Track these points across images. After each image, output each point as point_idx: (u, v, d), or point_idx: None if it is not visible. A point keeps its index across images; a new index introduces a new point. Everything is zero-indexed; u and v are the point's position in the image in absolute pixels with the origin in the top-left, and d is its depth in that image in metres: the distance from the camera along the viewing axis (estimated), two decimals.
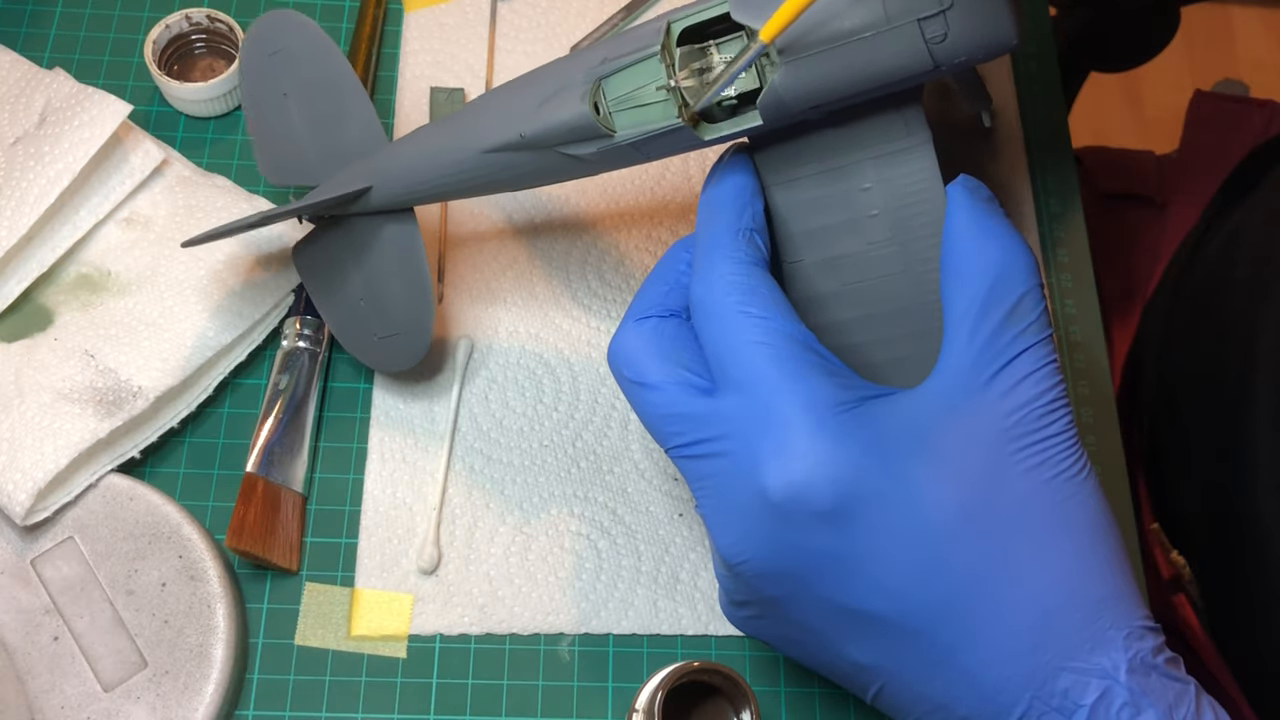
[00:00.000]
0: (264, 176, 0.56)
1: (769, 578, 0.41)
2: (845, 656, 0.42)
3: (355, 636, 0.53)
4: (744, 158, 0.45)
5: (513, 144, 0.47)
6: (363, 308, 0.54)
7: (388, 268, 0.53)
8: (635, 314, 0.44)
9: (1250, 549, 0.60)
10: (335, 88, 0.55)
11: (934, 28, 0.40)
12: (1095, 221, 0.68)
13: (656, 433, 0.43)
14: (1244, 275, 0.66)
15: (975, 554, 0.40)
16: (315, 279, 0.56)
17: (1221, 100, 0.84)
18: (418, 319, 0.53)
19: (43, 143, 0.56)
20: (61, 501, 0.52)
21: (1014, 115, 0.65)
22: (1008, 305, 0.41)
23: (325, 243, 0.55)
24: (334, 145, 0.54)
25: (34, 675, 0.50)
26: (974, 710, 0.40)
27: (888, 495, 0.40)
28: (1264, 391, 0.59)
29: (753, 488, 0.40)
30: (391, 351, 0.54)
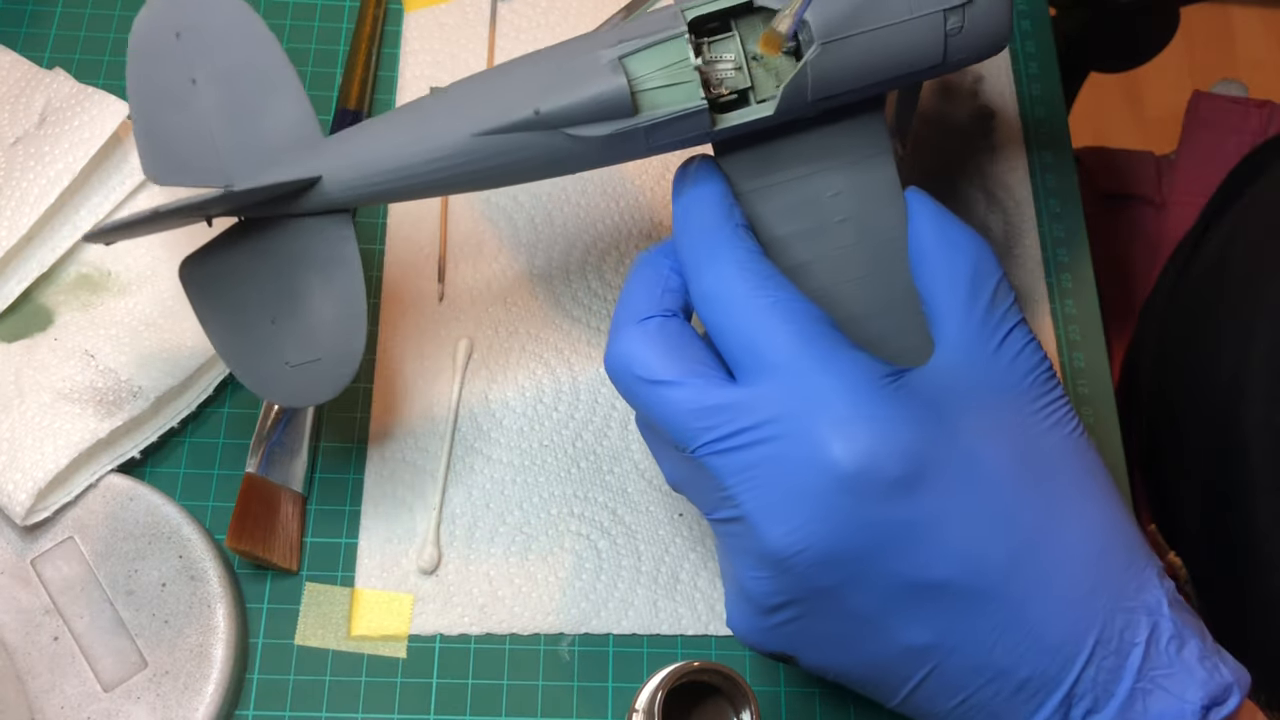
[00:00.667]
0: (150, 177, 0.48)
1: (830, 563, 0.40)
2: (898, 641, 0.41)
3: (355, 636, 0.53)
4: (711, 163, 0.45)
5: (518, 123, 0.44)
6: (273, 330, 0.47)
7: (313, 280, 0.47)
8: (632, 317, 0.43)
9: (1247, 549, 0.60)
10: (260, 72, 0.48)
11: (955, 19, 0.43)
12: (1095, 221, 0.68)
13: (683, 430, 0.42)
14: (1242, 275, 0.66)
15: (1032, 506, 0.41)
16: (210, 297, 0.48)
17: (1221, 100, 0.84)
18: (346, 342, 0.47)
19: (43, 143, 0.56)
20: (61, 501, 0.52)
21: (1014, 115, 0.65)
22: (990, 289, 0.44)
23: (228, 254, 0.48)
24: (257, 139, 0.47)
25: (34, 675, 0.50)
26: (1038, 669, 0.41)
27: (951, 457, 0.40)
28: (1260, 392, 0.59)
29: (816, 466, 0.40)
30: (306, 381, 0.47)
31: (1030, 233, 0.62)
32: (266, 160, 0.47)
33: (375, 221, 0.61)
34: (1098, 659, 0.41)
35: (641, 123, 0.43)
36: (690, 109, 0.43)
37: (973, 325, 0.43)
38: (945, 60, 0.44)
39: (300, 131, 0.47)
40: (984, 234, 0.62)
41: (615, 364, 0.43)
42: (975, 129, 0.65)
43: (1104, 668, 0.41)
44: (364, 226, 0.60)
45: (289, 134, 0.47)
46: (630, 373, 0.43)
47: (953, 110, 0.65)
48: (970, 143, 0.64)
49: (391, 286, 0.59)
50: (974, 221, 0.62)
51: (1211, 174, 0.79)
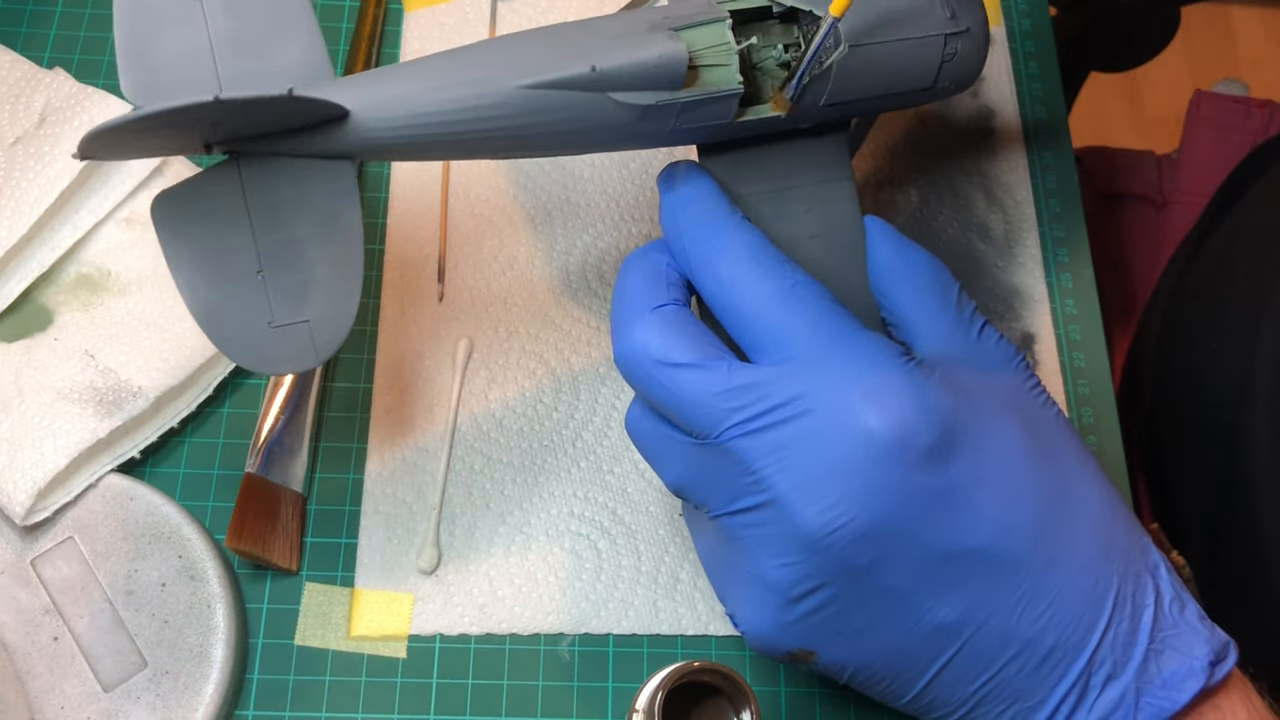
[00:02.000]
0: (129, 95, 0.42)
1: (868, 537, 0.40)
2: (927, 621, 0.41)
3: (355, 636, 0.53)
4: (699, 165, 0.46)
5: (571, 79, 0.42)
6: (258, 283, 0.41)
7: (310, 232, 0.42)
8: (644, 306, 0.43)
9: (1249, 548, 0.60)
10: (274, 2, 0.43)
11: (952, 45, 0.46)
12: (1095, 221, 0.68)
13: (707, 414, 0.41)
14: (1244, 275, 0.66)
15: (1051, 472, 0.43)
16: (186, 238, 0.41)
17: (1221, 100, 0.84)
18: (339, 304, 0.42)
19: (43, 143, 0.56)
20: (61, 501, 0.52)
21: (1014, 115, 0.65)
22: (955, 295, 0.46)
23: (215, 190, 0.42)
24: (260, 70, 0.42)
25: (34, 675, 0.50)
26: (1061, 637, 0.41)
27: (976, 426, 0.41)
28: (1263, 391, 0.59)
29: (852, 439, 0.40)
30: (288, 345, 0.42)
31: (1030, 233, 0.62)
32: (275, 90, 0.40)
33: (375, 222, 0.61)
34: (1115, 623, 0.42)
35: (683, 98, 0.43)
36: (728, 91, 0.43)
37: (949, 321, 0.45)
38: (934, 86, 0.47)
39: (312, 69, 0.43)
40: (984, 234, 0.62)
41: (629, 353, 0.43)
42: (975, 129, 0.65)
43: (1120, 631, 0.42)
44: (365, 226, 0.60)
45: (300, 70, 0.43)
46: (649, 358, 0.42)
47: (953, 110, 0.65)
48: (970, 143, 0.64)
49: (391, 286, 0.59)
50: (974, 221, 0.62)
51: (1213, 173, 0.79)
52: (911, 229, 0.62)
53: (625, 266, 0.45)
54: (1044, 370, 0.59)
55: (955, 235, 0.62)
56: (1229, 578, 0.63)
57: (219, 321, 0.41)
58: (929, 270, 0.46)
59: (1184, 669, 0.41)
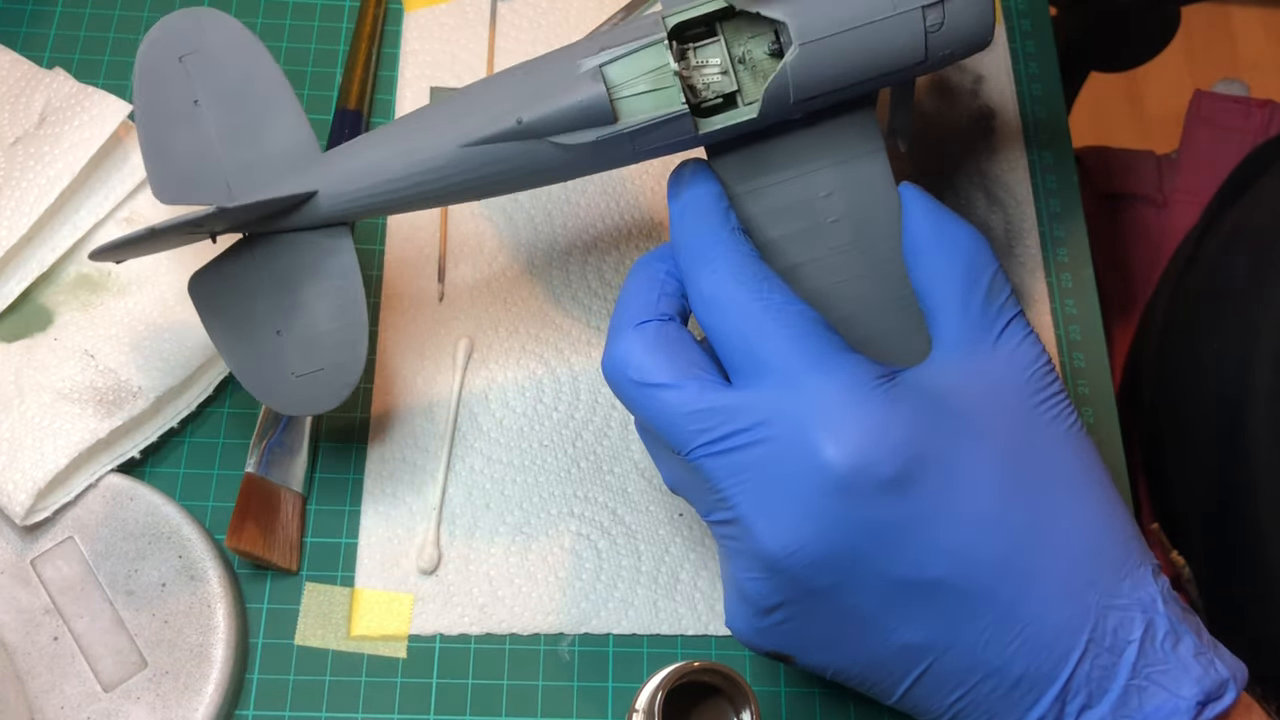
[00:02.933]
0: (158, 197, 0.49)
1: (824, 564, 0.40)
2: (894, 640, 0.41)
3: (355, 636, 0.53)
4: (705, 166, 0.46)
5: (502, 134, 0.45)
6: (279, 341, 0.48)
7: (316, 292, 0.48)
8: (629, 321, 0.44)
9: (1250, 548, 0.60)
10: (260, 93, 0.49)
11: (934, 16, 0.43)
12: (1095, 221, 0.68)
13: (678, 433, 0.42)
14: (1244, 275, 0.66)
15: (1026, 503, 0.41)
16: (219, 313, 0.49)
17: (1221, 100, 0.84)
18: (348, 351, 0.48)
19: (43, 142, 0.56)
20: (61, 501, 0.52)
21: (1014, 115, 0.65)
22: (986, 282, 0.44)
23: (234, 269, 0.49)
24: (256, 157, 0.49)
25: (34, 675, 0.50)
26: (1031, 666, 0.41)
27: (944, 456, 0.40)
28: (1264, 392, 0.59)
29: (809, 468, 0.40)
30: (312, 390, 0.48)
31: (1031, 233, 0.62)
32: (267, 176, 0.48)
33: (375, 221, 0.60)
34: (1091, 656, 0.41)
35: (624, 129, 0.44)
36: (671, 114, 0.43)
37: (970, 320, 0.43)
38: (928, 58, 0.44)
39: (299, 148, 0.49)
40: (984, 233, 0.62)
41: (611, 368, 0.44)
42: (975, 129, 0.64)
43: (1098, 664, 0.41)
44: (364, 226, 0.60)
45: (288, 151, 0.49)
46: (626, 376, 0.43)
47: (953, 110, 0.65)
48: (970, 143, 0.64)
49: (391, 286, 0.59)
50: (974, 221, 0.62)
51: (1213, 173, 0.79)
52: None
53: (629, 274, 0.45)
54: None
55: None
56: (1229, 578, 0.62)
57: (253, 376, 0.49)
58: (963, 249, 0.44)
59: (1167, 707, 0.40)
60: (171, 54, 0.50)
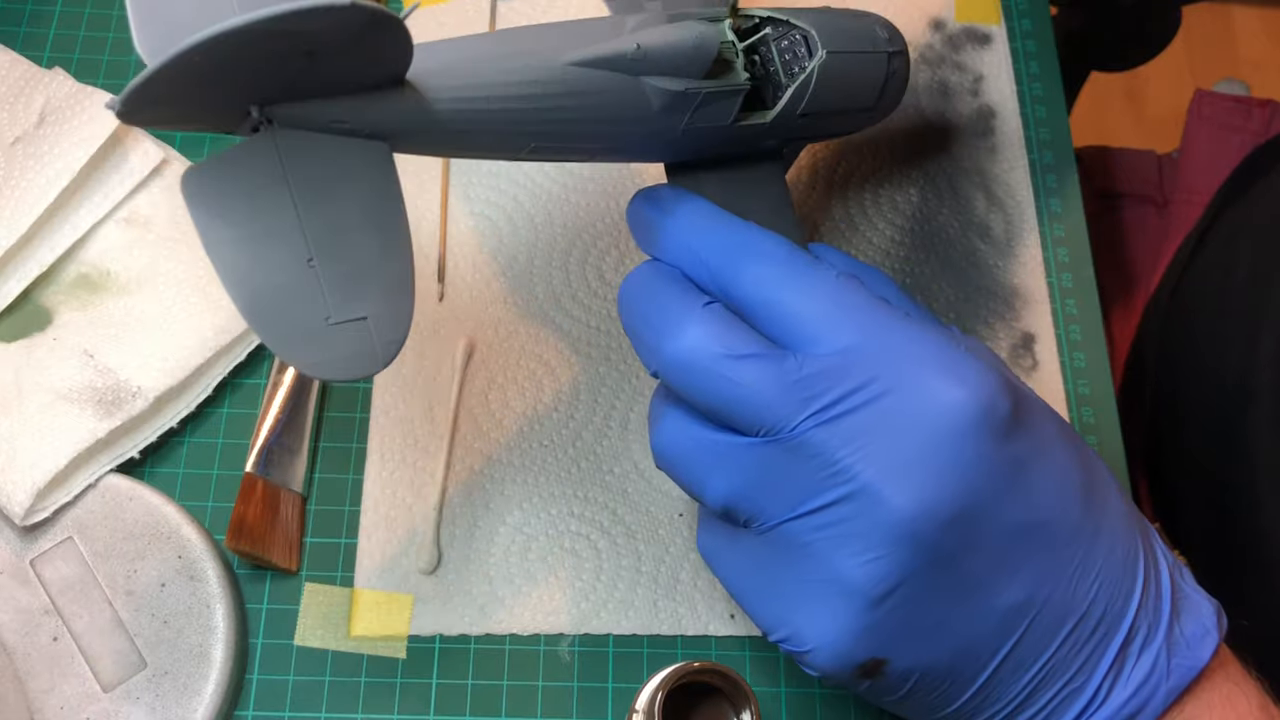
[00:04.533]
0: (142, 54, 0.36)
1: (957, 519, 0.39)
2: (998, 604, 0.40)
3: (355, 637, 0.53)
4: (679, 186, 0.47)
5: (616, 57, 0.42)
6: (309, 274, 0.36)
7: (358, 216, 0.37)
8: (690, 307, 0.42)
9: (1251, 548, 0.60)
10: None
11: (893, 64, 0.50)
12: (1095, 221, 0.68)
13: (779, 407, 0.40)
14: (1244, 275, 0.66)
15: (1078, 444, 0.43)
16: (227, 224, 0.36)
17: (1222, 100, 0.84)
18: (397, 299, 0.37)
19: (42, 142, 0.56)
20: (61, 501, 0.52)
21: (1014, 115, 0.65)
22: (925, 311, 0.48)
23: (251, 166, 0.36)
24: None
25: (33, 675, 0.50)
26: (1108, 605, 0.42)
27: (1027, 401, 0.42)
28: (1265, 391, 0.59)
29: (939, 414, 0.39)
30: (350, 345, 0.37)
31: (1031, 233, 0.62)
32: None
33: None
34: (1149, 587, 0.42)
35: (704, 88, 0.44)
36: (738, 85, 0.45)
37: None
38: (876, 104, 0.51)
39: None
40: (984, 234, 0.62)
41: (688, 351, 0.41)
42: (975, 129, 0.64)
43: (1151, 595, 0.42)
44: None
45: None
46: (710, 353, 0.40)
47: (953, 110, 0.65)
48: (970, 143, 0.64)
49: None
50: (974, 221, 0.62)
51: (1214, 173, 0.79)
52: (912, 229, 0.62)
53: (635, 284, 0.44)
54: (1044, 370, 0.59)
55: (955, 235, 0.62)
56: (1230, 577, 0.62)
57: (270, 316, 0.36)
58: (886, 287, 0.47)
59: (1199, 629, 0.42)
60: None
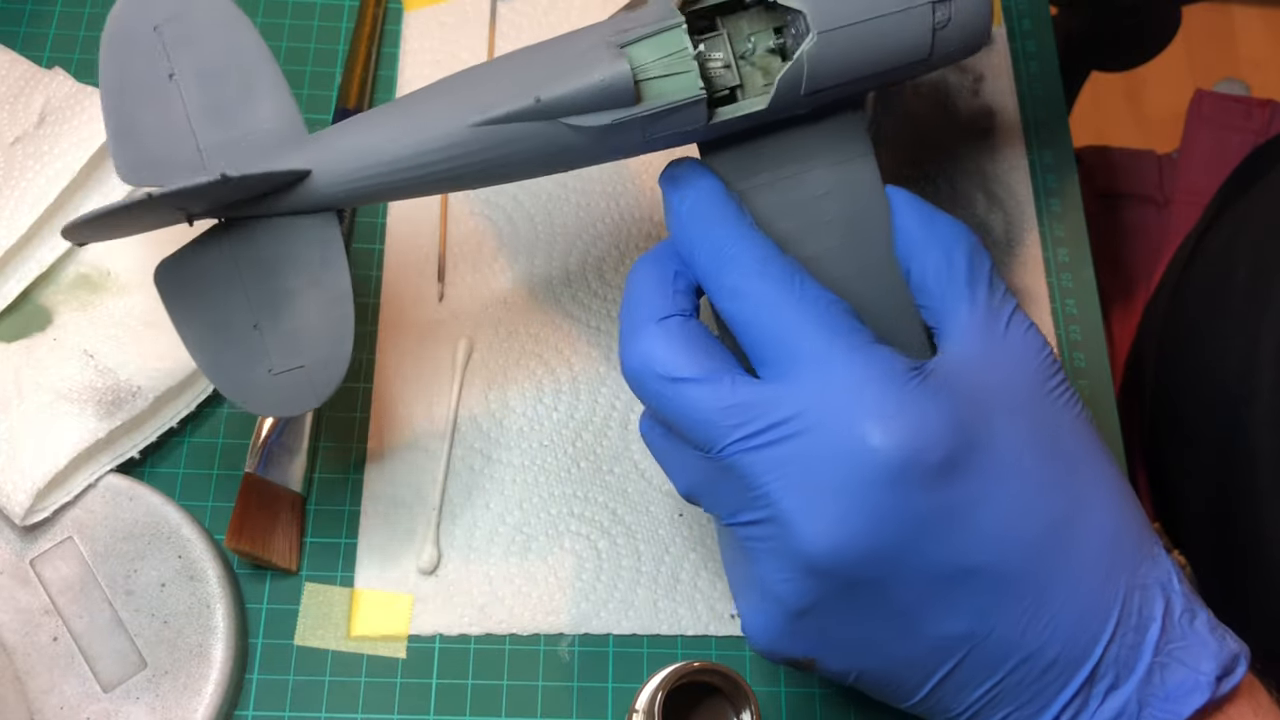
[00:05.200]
0: (122, 177, 0.46)
1: (871, 558, 0.40)
2: (931, 633, 0.41)
3: (355, 637, 0.53)
4: (702, 164, 0.45)
5: (518, 113, 0.43)
6: (255, 336, 0.45)
7: (299, 282, 0.45)
8: (650, 316, 0.43)
9: (1251, 548, 0.60)
10: (243, 68, 0.46)
11: (941, 12, 0.44)
12: (1095, 221, 0.68)
13: (710, 429, 0.41)
14: (1245, 275, 0.66)
15: (1055, 487, 0.42)
16: (189, 304, 0.45)
17: (1222, 100, 0.84)
18: (332, 346, 0.45)
19: (42, 142, 0.56)
20: (61, 501, 0.52)
21: (1014, 115, 0.65)
22: (986, 274, 0.44)
23: (208, 256, 0.45)
24: (237, 137, 0.45)
25: (33, 675, 0.50)
26: (1065, 649, 0.41)
27: (984, 442, 0.40)
28: (1265, 391, 0.59)
29: (856, 458, 0.39)
30: (290, 388, 0.45)
31: (1031, 232, 0.62)
32: (249, 157, 0.45)
33: (375, 221, 0.60)
34: (1119, 636, 0.41)
35: (640, 112, 0.43)
36: (689, 99, 0.43)
37: (979, 313, 0.43)
38: (931, 55, 0.44)
39: (285, 130, 0.45)
40: (984, 234, 0.62)
41: (635, 364, 0.42)
42: (975, 129, 0.64)
43: (1125, 644, 0.41)
44: (364, 226, 0.60)
45: (273, 132, 0.45)
46: (652, 372, 0.42)
47: (953, 110, 0.65)
48: (970, 143, 0.64)
49: (391, 286, 0.59)
50: (974, 221, 0.62)
51: (1214, 173, 0.79)
52: None
53: (634, 272, 0.44)
54: None
55: None
56: (1230, 578, 0.62)
57: (224, 374, 0.45)
58: (957, 245, 0.44)
59: (1189, 682, 0.41)
60: (145, 21, 0.46)
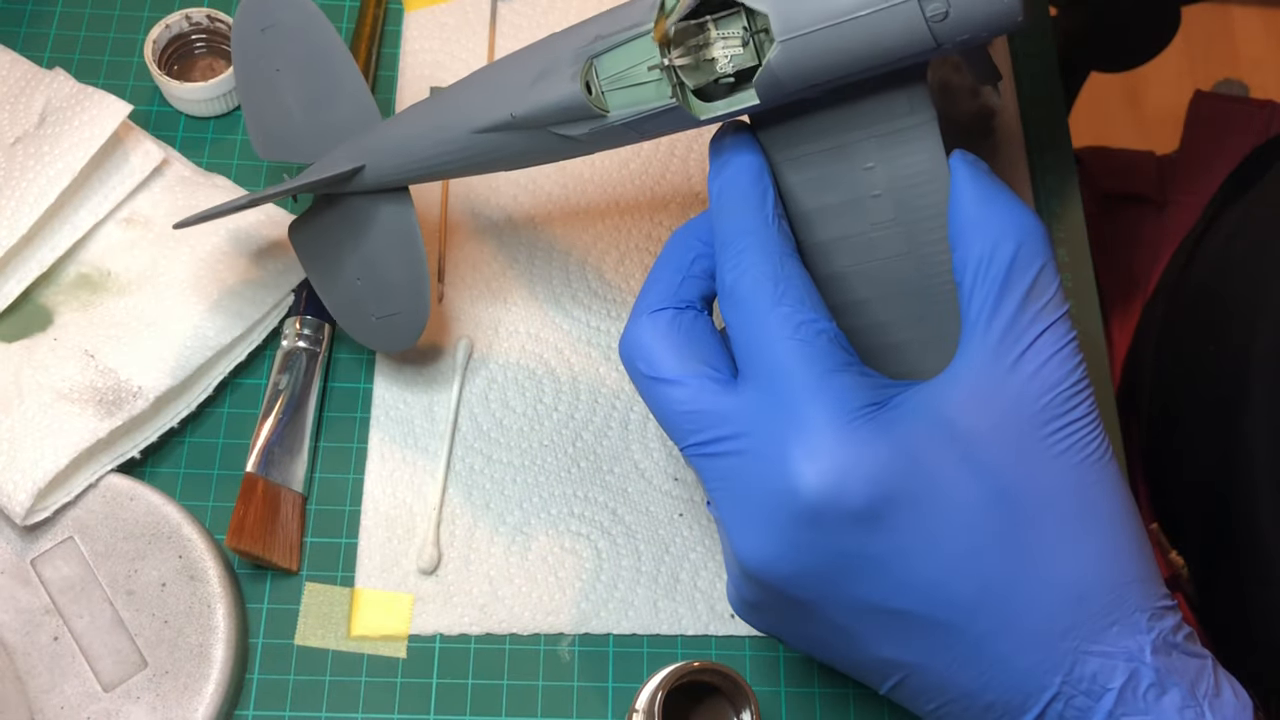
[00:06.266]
0: (256, 151, 0.56)
1: (794, 580, 0.40)
2: (870, 653, 0.42)
3: (355, 636, 0.53)
4: (747, 135, 0.44)
5: (503, 124, 0.46)
6: (359, 287, 0.54)
7: (383, 247, 0.53)
8: (648, 306, 0.43)
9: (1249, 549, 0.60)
10: (327, 64, 0.54)
11: (934, 6, 0.39)
12: (1095, 221, 0.68)
13: (673, 429, 0.42)
14: (1243, 275, 0.66)
15: (1008, 544, 0.40)
16: (312, 258, 0.55)
17: (1221, 100, 0.84)
18: (414, 298, 0.53)
19: (43, 142, 0.56)
20: (61, 501, 0.52)
21: (1014, 115, 0.65)
22: (1027, 280, 0.40)
23: (322, 221, 0.55)
24: (326, 122, 0.54)
25: (34, 675, 0.50)
26: (1001, 697, 0.40)
27: (920, 495, 0.39)
28: (1262, 392, 0.59)
29: (781, 489, 0.39)
30: (389, 331, 0.54)
31: None
32: (336, 138, 0.53)
33: None
34: (1065, 697, 0.40)
35: (614, 121, 0.43)
36: (660, 108, 0.42)
37: (996, 330, 0.40)
38: (941, 44, 0.40)
39: (361, 114, 0.53)
40: None
41: (623, 353, 0.44)
42: (975, 129, 0.64)
43: (1073, 705, 0.40)
44: None
45: (353, 117, 0.53)
46: (634, 365, 0.43)
47: (953, 110, 0.65)
48: (970, 143, 0.64)
49: None
50: None
51: (1213, 173, 0.79)
52: None
53: (666, 246, 0.45)
54: None
55: None
56: (1229, 578, 0.62)
57: (344, 317, 0.55)
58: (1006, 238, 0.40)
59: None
60: (255, 26, 0.55)
